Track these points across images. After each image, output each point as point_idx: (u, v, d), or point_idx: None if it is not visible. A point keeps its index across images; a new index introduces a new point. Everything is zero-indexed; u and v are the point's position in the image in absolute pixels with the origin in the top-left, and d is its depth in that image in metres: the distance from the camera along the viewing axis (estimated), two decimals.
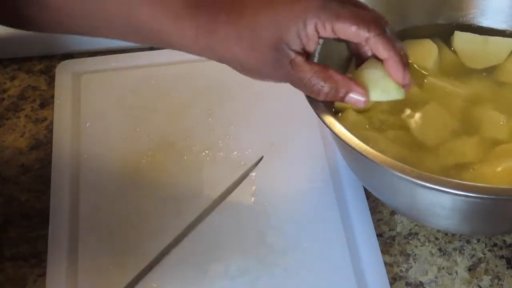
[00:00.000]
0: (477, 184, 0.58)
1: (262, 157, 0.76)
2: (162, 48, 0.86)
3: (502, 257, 0.70)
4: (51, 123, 0.80)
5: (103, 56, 0.86)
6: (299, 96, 0.81)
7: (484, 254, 0.70)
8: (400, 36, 0.67)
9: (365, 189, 0.73)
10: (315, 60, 0.66)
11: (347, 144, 0.61)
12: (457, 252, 0.70)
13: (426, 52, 0.74)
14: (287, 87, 0.82)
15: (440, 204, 0.62)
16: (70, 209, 0.72)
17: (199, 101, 0.81)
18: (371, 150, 0.60)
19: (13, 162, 0.77)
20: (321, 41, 0.65)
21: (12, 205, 0.74)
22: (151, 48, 0.88)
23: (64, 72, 0.84)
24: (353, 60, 0.65)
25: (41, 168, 0.77)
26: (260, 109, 0.80)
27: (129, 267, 0.68)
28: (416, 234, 0.71)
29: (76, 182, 0.74)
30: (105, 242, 0.70)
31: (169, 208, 0.72)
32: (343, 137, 0.61)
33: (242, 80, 0.83)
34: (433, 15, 0.77)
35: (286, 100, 0.81)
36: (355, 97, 0.60)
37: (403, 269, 0.69)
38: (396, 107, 0.71)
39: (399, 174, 0.58)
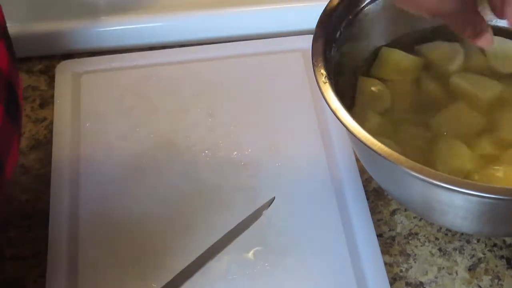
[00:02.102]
0: (492, 185, 0.58)
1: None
2: (162, 48, 0.88)
3: (502, 257, 0.70)
4: (51, 123, 0.80)
5: (103, 56, 0.86)
6: (300, 97, 0.82)
7: (484, 254, 0.70)
8: (431, 36, 0.67)
9: (365, 190, 0.73)
10: (332, 59, 0.68)
11: (366, 145, 0.61)
12: (457, 252, 0.70)
13: (451, 55, 0.74)
14: (288, 87, 0.83)
15: (455, 204, 0.62)
16: (70, 209, 0.72)
17: (199, 101, 0.81)
18: (385, 147, 0.60)
19: None
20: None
21: (12, 205, 0.74)
22: (151, 48, 0.88)
23: (64, 72, 0.84)
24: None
25: (41, 168, 0.77)
26: (261, 109, 0.80)
27: (129, 267, 0.68)
28: (416, 234, 0.71)
29: (76, 182, 0.74)
30: (105, 242, 0.70)
31: (168, 208, 0.72)
32: (360, 136, 0.61)
33: (242, 80, 0.84)
34: None
35: (287, 100, 0.81)
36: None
37: (403, 269, 0.69)
38: (418, 106, 0.72)
39: (416, 174, 0.58)
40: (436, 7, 0.63)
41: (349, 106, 0.72)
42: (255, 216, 0.70)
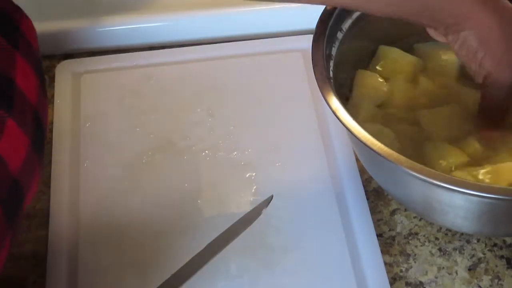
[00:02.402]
0: (492, 185, 0.58)
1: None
2: (162, 48, 0.88)
3: (502, 257, 0.70)
4: (51, 123, 0.80)
5: (103, 56, 0.86)
6: (300, 96, 0.82)
7: (484, 254, 0.70)
8: (430, 39, 0.68)
9: (365, 190, 0.73)
10: (332, 59, 0.68)
11: (366, 145, 0.61)
12: (457, 252, 0.70)
13: (450, 56, 0.74)
14: (288, 87, 0.83)
15: (456, 204, 0.62)
16: (70, 209, 0.72)
17: (199, 101, 0.81)
18: (385, 147, 0.60)
19: None
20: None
21: None
22: (151, 48, 0.88)
23: (64, 72, 0.84)
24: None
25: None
26: (260, 109, 0.80)
27: (129, 267, 0.68)
28: (416, 234, 0.71)
29: (76, 182, 0.74)
30: (105, 242, 0.70)
31: (168, 208, 0.72)
32: (360, 136, 0.61)
33: (242, 80, 0.84)
34: None
35: (287, 100, 0.81)
36: None
37: (403, 269, 0.69)
38: (413, 104, 0.72)
39: (416, 174, 0.58)
40: (494, 74, 0.63)
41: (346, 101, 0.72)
42: (254, 214, 0.70)
